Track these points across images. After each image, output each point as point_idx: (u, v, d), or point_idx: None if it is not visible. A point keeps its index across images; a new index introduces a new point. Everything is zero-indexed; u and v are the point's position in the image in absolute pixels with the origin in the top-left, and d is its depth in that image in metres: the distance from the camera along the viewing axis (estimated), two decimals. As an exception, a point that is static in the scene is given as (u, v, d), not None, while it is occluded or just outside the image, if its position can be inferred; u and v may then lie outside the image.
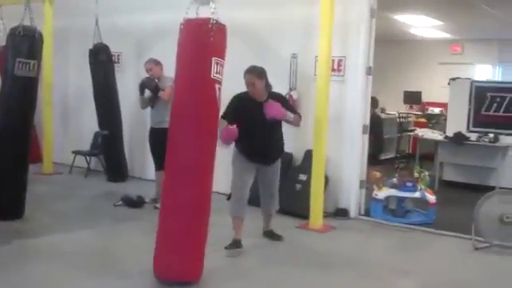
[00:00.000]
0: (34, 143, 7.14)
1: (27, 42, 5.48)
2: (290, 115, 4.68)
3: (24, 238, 5.01)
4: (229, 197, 4.92)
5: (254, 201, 5.03)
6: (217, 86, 3.88)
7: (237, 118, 4.51)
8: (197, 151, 3.88)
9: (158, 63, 6.08)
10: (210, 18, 3.78)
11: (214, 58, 3.81)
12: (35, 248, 4.80)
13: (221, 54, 3.89)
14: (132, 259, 4.48)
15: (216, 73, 3.84)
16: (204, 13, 3.86)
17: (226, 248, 4.64)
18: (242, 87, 4.71)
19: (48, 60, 7.58)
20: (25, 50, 5.46)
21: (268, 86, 4.73)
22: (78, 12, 8.02)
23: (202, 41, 3.78)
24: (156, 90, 5.94)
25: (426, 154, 8.72)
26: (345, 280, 4.28)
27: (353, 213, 6.11)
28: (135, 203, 6.30)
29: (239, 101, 4.69)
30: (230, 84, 4.31)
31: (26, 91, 5.56)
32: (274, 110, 4.53)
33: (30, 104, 5.65)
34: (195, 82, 3.85)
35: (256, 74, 4.61)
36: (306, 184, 5.88)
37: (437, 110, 11.30)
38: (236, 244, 4.71)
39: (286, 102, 4.94)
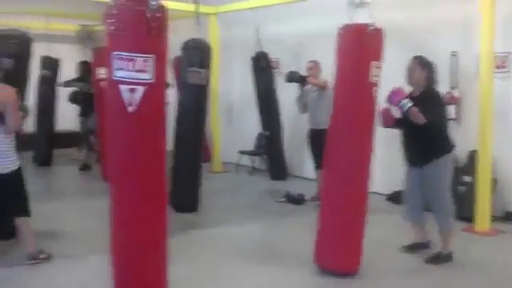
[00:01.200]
0: (205, 144, 7.85)
1: (198, 53, 6.05)
2: (414, 109, 4.17)
3: (198, 228, 5.58)
4: (388, 197, 4.93)
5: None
6: (374, 88, 4.02)
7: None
8: (354, 151, 4.05)
9: (317, 65, 6.32)
10: (368, 23, 3.91)
11: (373, 62, 3.95)
12: (207, 237, 5.31)
13: (379, 57, 4.01)
14: (294, 250, 4.79)
15: (374, 76, 3.97)
16: (358, 17, 4.00)
17: (402, 250, 4.72)
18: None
19: (215, 69, 8.13)
20: (196, 60, 6.04)
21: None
22: (239, 23, 8.62)
23: (362, 46, 3.95)
24: (301, 80, 6.14)
25: None
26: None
27: (526, 218, 5.73)
28: (297, 200, 6.64)
29: None
30: (387, 84, 4.36)
31: (199, 98, 6.13)
32: (392, 96, 4.25)
33: (202, 110, 6.22)
34: (355, 86, 4.02)
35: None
36: (471, 186, 5.67)
37: None
38: (411, 247, 4.75)
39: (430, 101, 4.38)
